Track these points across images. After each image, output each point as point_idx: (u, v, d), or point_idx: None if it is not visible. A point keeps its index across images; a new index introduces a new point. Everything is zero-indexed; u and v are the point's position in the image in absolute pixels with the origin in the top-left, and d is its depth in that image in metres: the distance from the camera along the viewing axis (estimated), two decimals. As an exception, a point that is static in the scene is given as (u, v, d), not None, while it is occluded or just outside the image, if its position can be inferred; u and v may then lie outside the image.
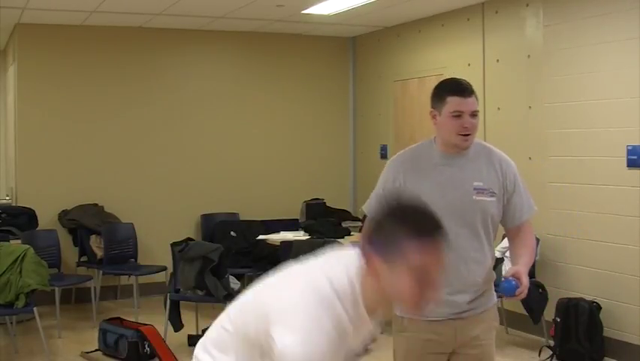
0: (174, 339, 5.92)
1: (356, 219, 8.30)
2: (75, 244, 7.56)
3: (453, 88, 2.91)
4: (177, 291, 5.96)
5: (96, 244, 7.41)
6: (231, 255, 6.87)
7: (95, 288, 7.02)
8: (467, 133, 2.86)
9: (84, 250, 7.47)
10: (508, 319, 6.37)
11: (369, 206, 3.03)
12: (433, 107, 2.94)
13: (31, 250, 5.83)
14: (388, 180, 2.98)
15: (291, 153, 8.69)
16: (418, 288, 1.75)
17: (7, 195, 8.54)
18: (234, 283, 6.14)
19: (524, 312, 5.86)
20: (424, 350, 2.95)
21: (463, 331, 2.93)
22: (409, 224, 1.76)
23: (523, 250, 3.01)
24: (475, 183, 2.90)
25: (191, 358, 2.11)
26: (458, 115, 2.85)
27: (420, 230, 1.75)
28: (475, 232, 2.91)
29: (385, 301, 1.85)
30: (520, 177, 3.01)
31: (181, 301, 6.01)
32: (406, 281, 1.74)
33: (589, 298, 5.64)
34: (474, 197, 2.89)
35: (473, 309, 2.94)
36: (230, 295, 5.39)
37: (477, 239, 2.92)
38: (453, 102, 2.86)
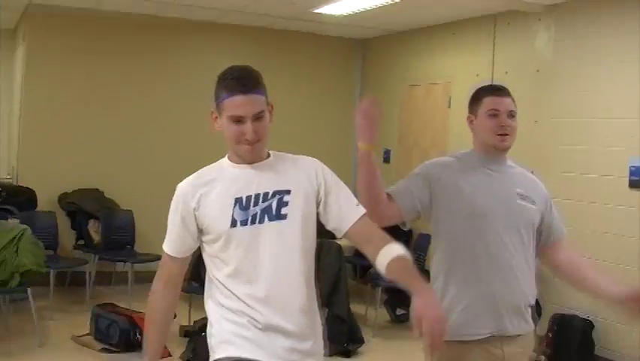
0: (166, 329, 5.91)
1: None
2: (73, 228, 7.57)
3: (489, 88, 2.91)
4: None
5: (94, 229, 7.41)
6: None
7: (90, 273, 7.03)
8: (505, 133, 2.77)
9: (82, 233, 7.48)
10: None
11: (396, 188, 2.93)
12: (470, 112, 2.88)
13: (29, 231, 5.83)
14: (429, 172, 2.87)
15: (293, 150, 8.67)
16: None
17: (9, 175, 8.54)
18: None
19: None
20: None
21: (506, 354, 2.71)
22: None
23: (594, 272, 2.86)
24: (518, 189, 2.79)
25: (182, 349, 2.23)
26: (494, 114, 2.79)
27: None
28: (520, 237, 2.76)
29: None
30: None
31: (175, 292, 6.01)
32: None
33: (583, 315, 5.64)
34: (518, 201, 2.77)
35: (516, 329, 2.72)
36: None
37: (522, 246, 2.76)
38: (489, 101, 2.82)
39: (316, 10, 7.22)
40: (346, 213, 2.43)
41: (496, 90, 2.88)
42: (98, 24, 7.79)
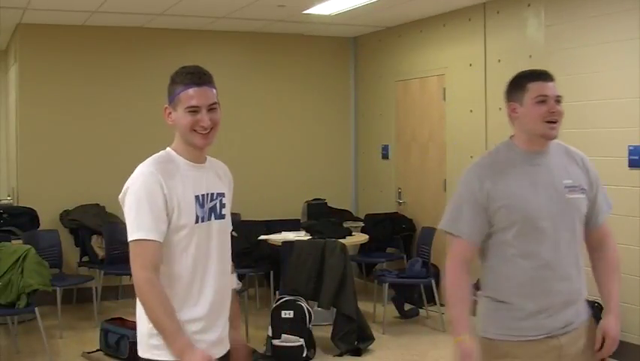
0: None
1: (357, 219, 8.31)
2: (76, 245, 7.57)
3: (533, 74, 2.74)
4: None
5: (97, 244, 7.42)
6: (233, 255, 6.87)
7: (96, 288, 7.02)
8: (554, 120, 2.64)
9: (85, 250, 7.48)
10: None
11: (454, 225, 2.73)
12: (511, 100, 2.74)
13: (33, 251, 5.83)
14: (474, 190, 2.67)
15: (292, 153, 8.69)
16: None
17: (9, 195, 8.55)
18: (236, 284, 6.14)
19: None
20: None
21: (566, 348, 2.68)
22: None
23: (608, 277, 2.82)
24: (565, 181, 2.67)
25: None
26: (543, 100, 2.65)
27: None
28: (574, 235, 2.68)
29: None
30: (598, 175, 2.82)
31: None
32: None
33: (590, 298, 5.63)
34: (567, 195, 2.66)
35: (573, 323, 2.71)
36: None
37: (576, 243, 2.70)
38: (536, 87, 2.67)
39: (306, 11, 7.22)
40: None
41: (541, 75, 2.73)
42: (88, 39, 7.79)
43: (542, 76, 2.72)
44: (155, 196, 2.36)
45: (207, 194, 2.48)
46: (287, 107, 8.67)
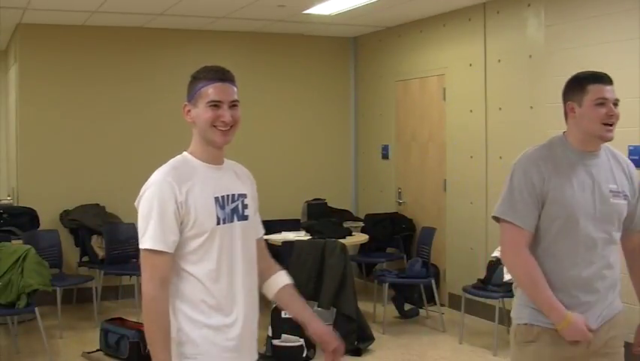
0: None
1: (357, 219, 8.31)
2: (76, 245, 7.57)
3: (594, 76, 2.81)
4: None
5: (97, 245, 7.41)
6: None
7: (96, 288, 7.02)
8: (612, 122, 2.75)
9: (85, 250, 7.47)
10: (509, 318, 6.36)
11: (513, 214, 2.76)
12: (570, 99, 2.82)
13: (33, 251, 5.83)
14: (532, 180, 2.74)
15: (292, 153, 8.69)
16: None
17: (9, 195, 8.54)
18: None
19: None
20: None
21: (594, 341, 2.78)
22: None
23: None
24: (611, 186, 2.79)
25: None
26: (602, 103, 2.74)
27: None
28: (611, 237, 2.80)
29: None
30: None
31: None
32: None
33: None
34: (611, 200, 2.77)
35: (604, 318, 2.82)
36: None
37: (612, 246, 2.82)
38: (596, 90, 2.75)
39: (306, 11, 7.22)
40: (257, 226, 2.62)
41: (601, 78, 2.80)
42: (88, 39, 7.79)
43: (603, 79, 2.80)
44: (166, 206, 2.33)
45: (228, 195, 2.44)
46: (287, 107, 8.66)
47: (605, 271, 2.79)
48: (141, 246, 2.35)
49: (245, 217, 2.48)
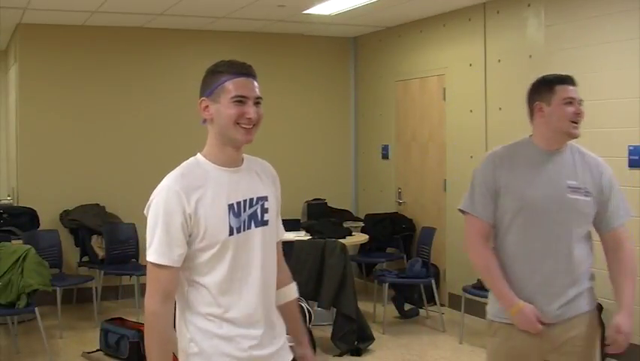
0: (175, 339, 5.92)
1: (357, 219, 8.31)
2: (76, 245, 7.57)
3: (561, 78, 2.97)
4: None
5: (97, 245, 7.41)
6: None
7: (96, 288, 7.02)
8: (578, 120, 2.90)
9: (85, 250, 7.48)
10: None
11: (471, 206, 2.97)
12: (538, 100, 2.95)
13: (33, 251, 5.83)
14: (488, 175, 2.95)
15: (292, 153, 8.69)
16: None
17: (9, 195, 8.54)
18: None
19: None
20: (507, 356, 2.95)
21: (550, 338, 2.88)
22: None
23: (622, 277, 2.94)
24: (569, 182, 2.89)
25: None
26: (570, 102, 2.89)
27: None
28: (572, 233, 2.89)
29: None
30: (616, 181, 3.00)
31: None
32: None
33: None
34: (568, 195, 2.88)
35: (561, 315, 2.88)
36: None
37: (576, 242, 2.90)
38: (563, 90, 2.91)
39: (306, 11, 7.22)
40: (278, 229, 2.48)
41: (567, 79, 2.95)
42: (88, 39, 7.79)
43: (569, 80, 2.96)
44: (173, 218, 2.19)
45: (245, 200, 2.28)
46: (287, 107, 8.66)
47: (563, 266, 2.86)
48: (147, 258, 2.25)
49: (264, 222, 2.32)
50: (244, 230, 2.27)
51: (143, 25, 7.81)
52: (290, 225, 7.50)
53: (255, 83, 2.32)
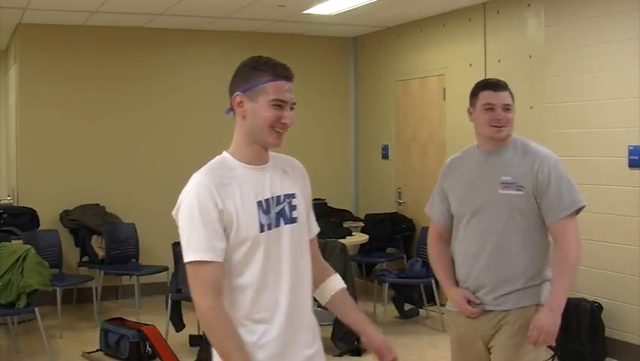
0: (176, 339, 5.92)
1: (357, 219, 8.31)
2: (76, 245, 7.57)
3: (486, 84, 3.14)
4: (179, 291, 5.96)
5: (97, 244, 7.42)
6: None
7: (96, 288, 7.02)
8: (500, 125, 3.02)
9: (85, 250, 7.48)
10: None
11: (430, 208, 3.31)
12: (470, 105, 3.14)
13: (33, 251, 5.83)
14: (440, 184, 3.26)
15: (292, 152, 8.61)
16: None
17: (9, 195, 8.54)
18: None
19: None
20: (458, 342, 3.19)
21: (484, 327, 3.06)
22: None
23: (555, 272, 2.98)
24: (503, 178, 3.01)
25: (193, 358, 2.13)
26: (490, 108, 3.03)
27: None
28: (507, 227, 2.99)
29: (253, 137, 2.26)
30: (562, 172, 3.01)
31: (182, 302, 6.01)
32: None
33: (590, 298, 5.64)
34: (500, 191, 3.00)
35: (498, 306, 3.02)
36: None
37: (504, 236, 3.00)
38: (484, 96, 3.06)
39: (306, 11, 7.22)
40: (311, 225, 2.49)
41: (492, 85, 3.09)
42: (88, 39, 7.79)
43: (494, 86, 3.09)
44: (209, 211, 2.12)
45: (272, 197, 2.24)
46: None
47: (497, 259, 3.00)
48: (187, 259, 2.13)
49: (293, 220, 2.28)
50: (274, 227, 2.23)
51: (143, 25, 7.81)
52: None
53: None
